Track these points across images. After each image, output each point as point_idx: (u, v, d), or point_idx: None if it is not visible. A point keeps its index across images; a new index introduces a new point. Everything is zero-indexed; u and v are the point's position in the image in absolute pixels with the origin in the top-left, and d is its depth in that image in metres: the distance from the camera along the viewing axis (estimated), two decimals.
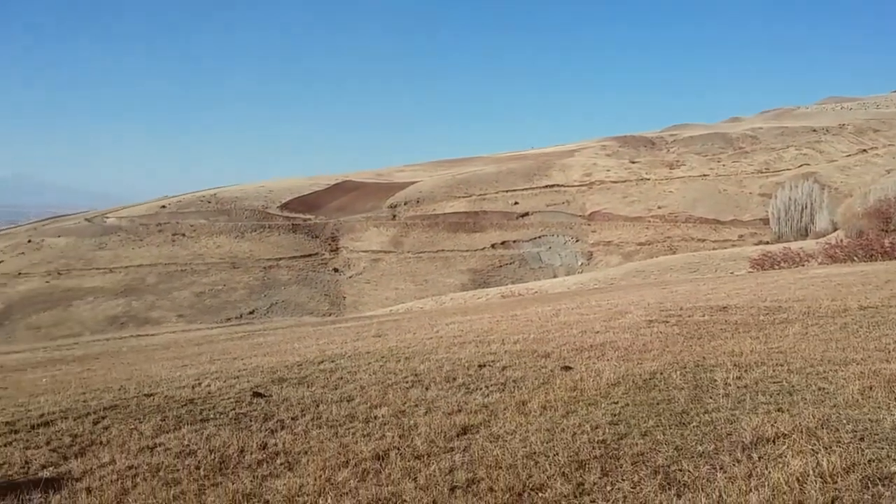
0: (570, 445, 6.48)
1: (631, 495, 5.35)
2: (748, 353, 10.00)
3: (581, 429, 6.96)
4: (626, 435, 6.70)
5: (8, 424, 9.00)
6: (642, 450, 6.24)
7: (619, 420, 7.19)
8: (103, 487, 6.25)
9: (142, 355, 26.18)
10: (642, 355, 10.55)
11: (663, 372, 9.20)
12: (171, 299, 66.09)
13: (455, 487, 5.70)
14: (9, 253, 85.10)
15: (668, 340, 11.77)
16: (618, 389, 8.45)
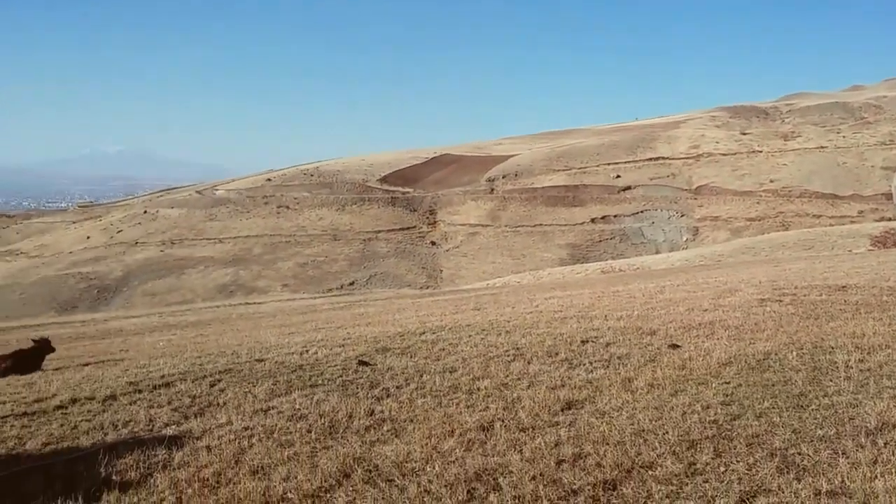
0: (679, 424, 6.30)
1: (746, 477, 5.16)
2: (871, 335, 9.44)
3: (691, 408, 6.76)
4: (739, 416, 6.46)
5: (132, 384, 9.56)
6: (757, 431, 6.01)
7: (732, 401, 6.94)
8: (222, 446, 6.55)
9: (250, 322, 27.32)
10: (755, 335, 10.14)
11: (778, 353, 8.82)
12: (276, 269, 68.54)
13: (562, 461, 5.66)
14: (127, 223, 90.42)
15: (782, 320, 11.27)
16: (729, 369, 8.16)
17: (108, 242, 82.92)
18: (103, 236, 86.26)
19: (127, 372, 10.98)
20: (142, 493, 5.52)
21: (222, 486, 5.53)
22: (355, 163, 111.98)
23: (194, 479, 5.75)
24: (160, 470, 6.03)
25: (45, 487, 5.71)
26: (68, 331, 30.14)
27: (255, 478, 5.68)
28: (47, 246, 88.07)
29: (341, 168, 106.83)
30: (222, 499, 5.23)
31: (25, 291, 67.31)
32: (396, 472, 5.64)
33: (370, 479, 5.53)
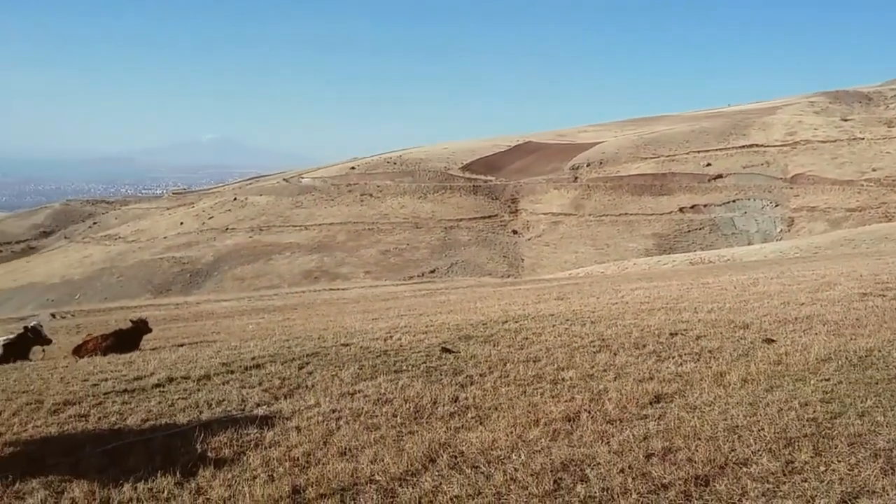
0: (775, 421, 6.06)
1: (848, 478, 4.91)
2: None
3: (788, 405, 6.49)
4: (840, 414, 6.16)
5: (224, 365, 9.89)
6: (859, 430, 5.71)
7: (832, 398, 6.62)
8: (311, 427, 6.69)
9: (334, 308, 27.89)
10: (856, 330, 9.65)
11: (881, 349, 8.36)
12: (359, 256, 69.69)
13: (651, 455, 5.53)
14: (217, 210, 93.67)
15: (885, 315, 10.68)
16: (829, 366, 7.78)
17: (200, 228, 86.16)
18: (195, 222, 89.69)
19: (219, 353, 11.37)
20: (235, 469, 5.70)
21: (312, 466, 5.65)
22: (438, 151, 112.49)
23: (285, 458, 5.89)
24: (252, 448, 6.21)
25: (145, 461, 5.97)
26: (163, 313, 31.55)
27: (344, 459, 5.78)
28: (143, 231, 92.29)
29: (424, 156, 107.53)
30: (312, 478, 5.34)
31: (123, 274, 70.77)
32: (482, 458, 5.64)
33: (455, 465, 5.55)
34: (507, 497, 4.97)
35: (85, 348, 13.98)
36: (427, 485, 5.16)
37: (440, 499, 4.94)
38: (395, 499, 4.98)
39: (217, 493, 5.19)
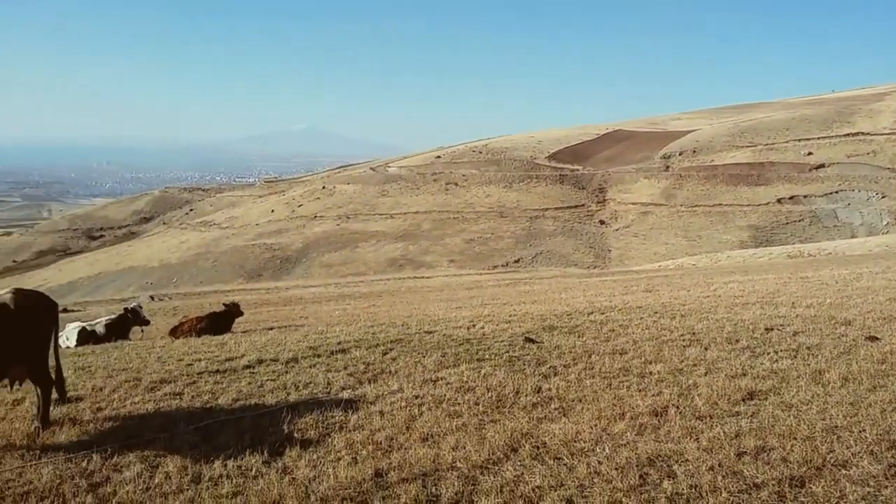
0: (878, 422, 5.71)
1: None
2: None
3: (892, 406, 6.11)
4: None
5: (311, 349, 10.11)
6: None
7: None
8: (394, 412, 6.74)
9: (418, 295, 28.14)
10: None
11: None
12: (444, 245, 69.98)
13: (742, 453, 5.30)
14: (307, 198, 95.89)
15: None
16: None
17: (290, 216, 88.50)
18: (286, 210, 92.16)
19: (307, 337, 11.63)
20: (320, 451, 5.79)
21: (394, 451, 5.69)
22: (524, 139, 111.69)
23: (368, 441, 5.96)
24: (337, 430, 6.31)
25: (235, 439, 6.15)
26: (254, 297, 32.57)
27: (426, 445, 5.80)
28: (237, 218, 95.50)
29: (510, 145, 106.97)
30: (394, 463, 5.38)
31: (217, 260, 73.40)
32: (565, 450, 5.54)
33: (538, 456, 5.47)
34: (591, 490, 4.87)
35: (181, 329, 14.58)
36: (508, 474, 5.11)
37: (521, 489, 4.88)
38: (476, 486, 4.95)
39: (302, 472, 5.29)
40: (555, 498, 4.73)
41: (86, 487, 5.20)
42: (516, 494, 4.81)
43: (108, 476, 5.42)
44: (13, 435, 6.47)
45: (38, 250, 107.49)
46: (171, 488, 5.14)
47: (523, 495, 4.79)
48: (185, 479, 5.29)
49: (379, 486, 5.00)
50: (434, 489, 4.90)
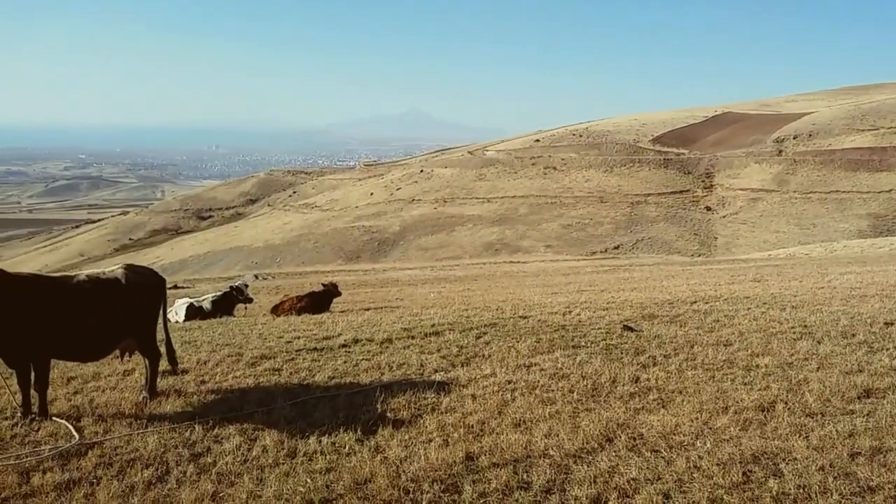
0: None
1: None
2: None
3: None
4: None
5: (406, 330, 10.17)
6: None
7: None
8: (486, 396, 6.68)
9: (514, 280, 27.97)
10: None
11: None
12: (540, 230, 69.30)
13: (856, 454, 4.94)
14: (405, 181, 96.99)
15: None
16: None
17: (389, 199, 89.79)
18: (384, 193, 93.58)
19: (402, 318, 11.74)
20: (412, 431, 5.79)
21: (486, 435, 5.62)
22: (627, 122, 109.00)
23: (460, 424, 5.91)
24: (429, 412, 6.29)
25: (330, 416, 6.24)
26: (352, 278, 33.24)
27: (518, 430, 5.70)
28: (337, 200, 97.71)
29: (611, 128, 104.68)
30: (486, 447, 5.30)
31: (318, 241, 75.36)
32: (663, 443, 5.32)
33: (634, 447, 5.27)
34: (690, 485, 4.65)
35: (281, 308, 15.03)
36: (603, 464, 4.94)
37: (616, 480, 4.71)
38: (569, 475, 4.82)
39: (394, 452, 5.30)
40: (651, 492, 4.54)
41: (188, 457, 5.38)
42: (610, 486, 4.65)
43: (209, 447, 5.60)
44: (122, 404, 6.79)
45: (152, 229, 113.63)
46: (268, 461, 5.26)
47: (618, 487, 4.63)
48: (281, 453, 5.40)
49: (469, 469, 4.94)
50: (525, 475, 4.80)
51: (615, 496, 4.52)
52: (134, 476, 5.02)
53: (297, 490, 4.65)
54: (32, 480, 4.97)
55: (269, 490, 4.70)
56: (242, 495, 4.66)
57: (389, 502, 4.45)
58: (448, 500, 4.48)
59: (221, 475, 5.03)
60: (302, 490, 4.64)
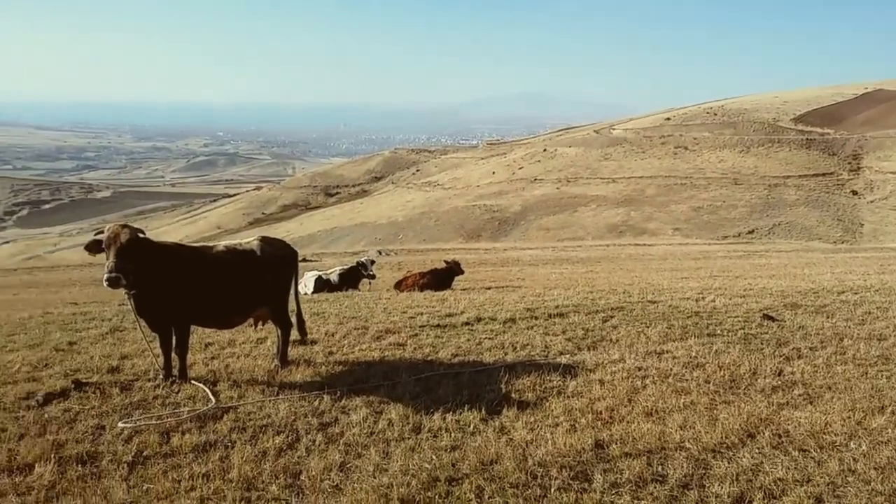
0: None
1: None
2: None
3: None
4: None
5: (529, 311, 9.99)
6: None
7: None
8: (615, 383, 6.41)
9: (639, 263, 27.16)
10: None
11: None
12: (669, 212, 66.90)
13: None
14: (527, 161, 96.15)
15: None
16: None
17: (510, 178, 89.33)
18: (506, 172, 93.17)
19: (524, 299, 11.57)
20: (538, 414, 5.64)
21: (615, 423, 5.38)
22: (766, 100, 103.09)
23: (588, 410, 5.70)
24: (555, 395, 6.11)
25: (454, 393, 6.18)
26: (473, 257, 33.31)
27: (650, 420, 5.42)
28: (459, 179, 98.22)
29: (749, 106, 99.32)
30: (616, 435, 5.07)
31: (439, 219, 76.10)
32: (812, 442, 4.90)
33: (779, 445, 4.89)
34: (844, 490, 4.26)
35: (404, 284, 15.22)
36: (745, 461, 4.60)
37: (761, 479, 4.37)
38: (708, 471, 4.51)
39: (520, 434, 5.16)
40: (801, 494, 4.18)
41: (316, 426, 5.47)
42: (755, 485, 4.32)
43: (336, 417, 5.67)
44: (255, 371, 7.01)
45: (283, 204, 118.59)
46: (394, 435, 5.25)
47: (763, 487, 4.29)
48: (406, 428, 5.38)
49: (600, 457, 4.72)
50: (660, 468, 4.54)
51: (760, 496, 4.19)
52: (266, 442, 5.14)
53: (423, 466, 4.59)
54: (172, 441, 5.18)
55: (395, 464, 4.68)
56: (369, 467, 4.67)
57: (517, 486, 4.31)
58: (578, 488, 4.29)
59: (349, 446, 5.07)
60: (428, 467, 4.58)
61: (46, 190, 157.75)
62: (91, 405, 5.96)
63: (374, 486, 4.32)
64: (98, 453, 4.96)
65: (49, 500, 4.28)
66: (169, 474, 4.62)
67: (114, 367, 7.16)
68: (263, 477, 4.58)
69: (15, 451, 4.94)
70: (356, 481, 4.46)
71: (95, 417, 5.66)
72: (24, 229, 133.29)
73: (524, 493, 4.22)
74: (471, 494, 4.22)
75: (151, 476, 4.61)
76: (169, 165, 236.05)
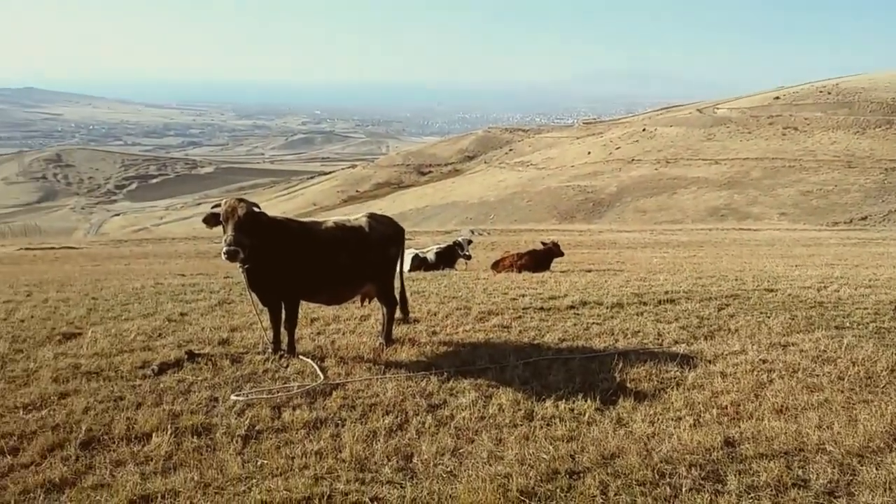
0: None
1: None
2: None
3: None
4: None
5: (636, 296, 9.60)
6: None
7: None
8: (738, 375, 6.01)
9: (745, 249, 25.99)
10: None
11: None
12: (775, 196, 63.88)
13: None
14: (625, 140, 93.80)
15: None
16: None
17: (607, 158, 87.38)
18: (602, 152, 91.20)
19: (629, 283, 11.16)
20: (657, 406, 5.33)
21: (744, 419, 5.02)
22: (886, 79, 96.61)
23: (711, 404, 5.35)
24: (673, 387, 5.78)
25: (565, 380, 5.94)
26: (567, 238, 32.68)
27: (781, 418, 5.03)
28: (553, 159, 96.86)
29: (867, 85, 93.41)
30: (746, 433, 4.71)
31: (531, 199, 75.26)
32: None
33: None
34: None
35: (502, 264, 14.98)
36: None
37: None
38: (855, 477, 4.12)
39: (640, 427, 4.87)
40: None
41: (425, 407, 5.34)
42: None
43: (445, 399, 5.53)
44: (361, 348, 6.96)
45: (377, 182, 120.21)
46: (505, 421, 5.07)
47: None
48: (518, 414, 5.18)
49: (731, 457, 4.38)
50: (801, 472, 4.17)
51: None
52: (376, 422, 5.06)
53: (541, 457, 4.38)
54: (283, 416, 5.17)
55: (509, 452, 4.49)
56: (483, 454, 4.49)
57: (643, 483, 4.04)
58: (711, 489, 3.98)
59: (459, 430, 4.92)
60: (545, 457, 4.36)
61: (154, 165, 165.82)
62: (204, 376, 6.05)
63: (491, 475, 4.13)
64: (212, 425, 4.99)
65: (166, 471, 4.31)
66: (282, 450, 4.60)
67: (224, 339, 7.27)
68: (375, 458, 4.48)
69: (133, 420, 5.03)
70: (470, 468, 4.29)
71: (208, 389, 5.73)
72: (133, 203, 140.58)
73: (652, 493, 3.94)
74: (595, 490, 3.97)
75: (265, 451, 4.59)
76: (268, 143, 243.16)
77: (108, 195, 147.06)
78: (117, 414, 5.15)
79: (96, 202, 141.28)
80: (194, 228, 48.88)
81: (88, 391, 5.62)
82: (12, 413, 5.17)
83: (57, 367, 6.26)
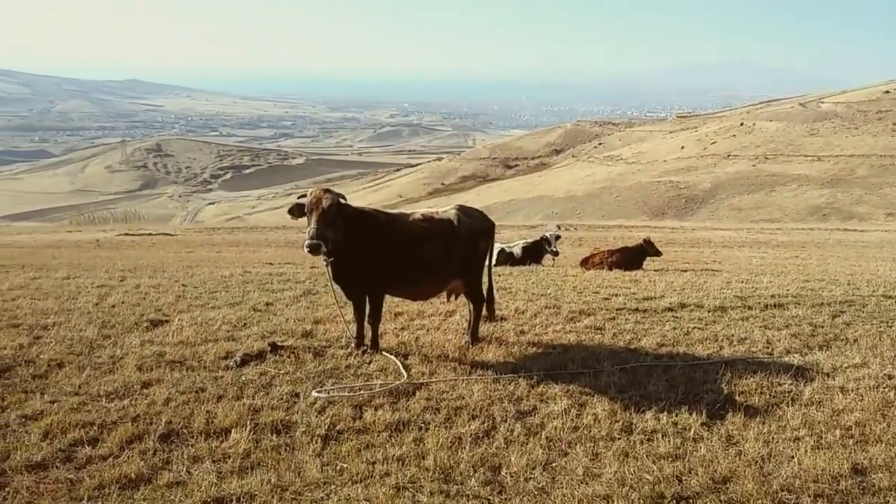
0: None
1: None
2: None
3: None
4: None
5: (740, 299, 8.97)
6: None
7: None
8: (860, 392, 5.41)
9: (852, 251, 24.45)
10: None
11: None
12: (882, 195, 60.21)
13: None
14: (721, 135, 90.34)
15: None
16: None
17: (701, 153, 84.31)
18: (696, 147, 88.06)
19: (730, 284, 10.50)
20: (771, 424, 4.82)
21: (871, 443, 4.47)
22: None
23: (833, 423, 4.81)
24: (788, 402, 5.24)
25: (666, 390, 5.49)
26: (659, 235, 31.58)
27: None
28: (644, 153, 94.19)
29: None
30: (876, 459, 4.17)
31: (621, 195, 73.35)
32: None
33: None
34: None
35: (591, 261, 14.45)
36: None
37: None
38: None
39: (753, 447, 4.40)
40: None
41: (514, 414, 5.00)
42: None
43: (534, 405, 5.18)
44: (446, 346, 6.69)
45: (462, 175, 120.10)
46: (601, 433, 4.67)
47: None
48: (615, 426, 4.77)
49: (862, 488, 3.88)
50: None
51: None
52: (461, 427, 4.76)
53: (643, 477, 3.98)
54: (365, 416, 4.93)
55: (608, 469, 4.11)
56: (579, 470, 4.13)
57: None
58: None
59: (551, 441, 4.56)
60: (648, 478, 3.96)
61: (248, 156, 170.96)
62: (286, 370, 5.90)
63: (588, 496, 3.77)
64: (292, 423, 4.81)
65: (243, 471, 4.14)
66: (363, 454, 4.35)
67: (307, 332, 7.13)
68: (461, 467, 4.18)
69: (213, 414, 4.90)
70: (564, 486, 3.94)
71: (290, 384, 5.57)
72: (227, 192, 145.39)
73: None
74: None
75: (345, 454, 4.36)
76: (357, 135, 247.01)
77: (203, 184, 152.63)
78: (198, 406, 5.03)
79: (193, 191, 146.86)
80: (284, 218, 49.94)
81: (171, 381, 5.55)
82: (95, 401, 5.12)
83: (142, 354, 6.24)
